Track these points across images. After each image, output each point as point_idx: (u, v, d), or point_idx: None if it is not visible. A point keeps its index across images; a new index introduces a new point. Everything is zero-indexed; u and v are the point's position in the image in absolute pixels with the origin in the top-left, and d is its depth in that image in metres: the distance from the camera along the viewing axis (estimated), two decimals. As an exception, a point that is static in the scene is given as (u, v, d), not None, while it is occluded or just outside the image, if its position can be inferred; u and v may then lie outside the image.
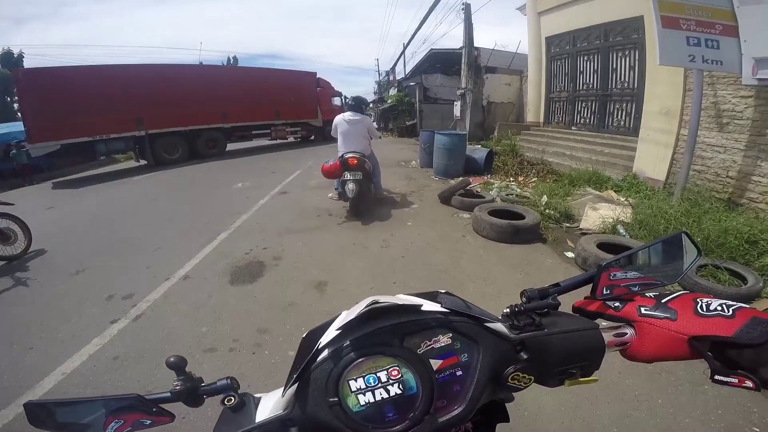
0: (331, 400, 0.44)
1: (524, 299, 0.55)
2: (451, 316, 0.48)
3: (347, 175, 4.80)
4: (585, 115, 9.33)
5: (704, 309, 0.47)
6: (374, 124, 5.92)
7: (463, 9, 11.53)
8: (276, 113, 14.33)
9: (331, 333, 0.47)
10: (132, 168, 12.18)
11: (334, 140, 5.44)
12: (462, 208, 5.23)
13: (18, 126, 14.31)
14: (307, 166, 9.61)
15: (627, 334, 0.52)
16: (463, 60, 11.65)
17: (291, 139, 15.97)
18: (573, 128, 9.60)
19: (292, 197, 6.49)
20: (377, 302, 0.46)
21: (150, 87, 11.22)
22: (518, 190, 6.29)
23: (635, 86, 7.49)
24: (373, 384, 0.44)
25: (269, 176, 8.56)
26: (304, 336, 0.53)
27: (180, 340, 2.65)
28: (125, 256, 4.26)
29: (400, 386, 0.44)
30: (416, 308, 0.48)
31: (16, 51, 26.60)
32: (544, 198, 5.44)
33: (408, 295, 0.53)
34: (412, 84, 18.36)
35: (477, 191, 5.80)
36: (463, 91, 11.63)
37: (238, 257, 3.95)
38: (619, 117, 8.17)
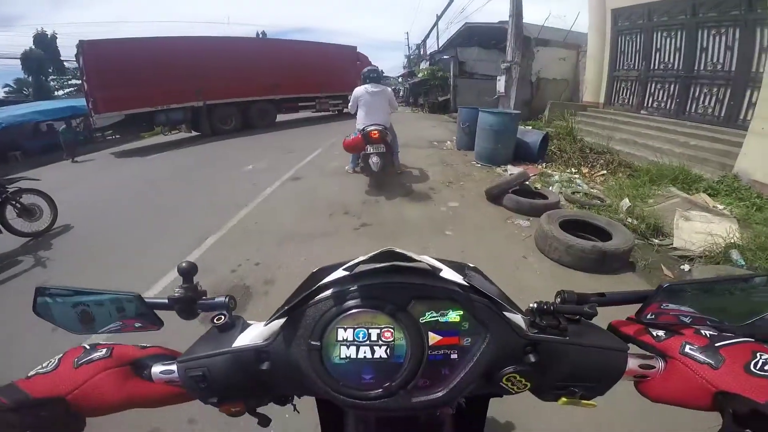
0: (312, 343, 0.40)
1: (558, 299, 0.47)
2: (470, 293, 0.42)
3: (370, 149, 4.61)
4: (660, 98, 8.10)
5: (757, 366, 0.39)
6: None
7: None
8: (320, 86, 14.36)
9: (338, 273, 0.43)
10: (169, 141, 12.10)
11: None
12: (518, 211, 4.01)
13: (48, 104, 15.01)
14: (329, 143, 8.60)
15: (654, 368, 0.45)
16: (509, 30, 10.12)
17: (333, 111, 15.47)
18: (642, 112, 8.28)
19: (304, 185, 5.44)
20: (394, 251, 0.42)
21: (208, 59, 11.48)
22: (585, 186, 4.98)
23: (732, 69, 6.40)
24: (360, 339, 0.40)
25: (285, 156, 7.61)
26: (313, 271, 0.51)
27: None
28: (103, 263, 3.50)
29: (388, 351, 0.40)
30: (435, 273, 0.43)
31: (50, 31, 26.50)
32: (625, 202, 4.16)
33: (433, 258, 0.46)
34: (445, 57, 17.17)
35: (536, 188, 4.55)
36: (508, 64, 10.07)
37: (221, 276, 2.97)
38: (706, 103, 6.99)
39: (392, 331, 0.40)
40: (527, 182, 4.37)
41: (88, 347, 0.47)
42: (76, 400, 0.42)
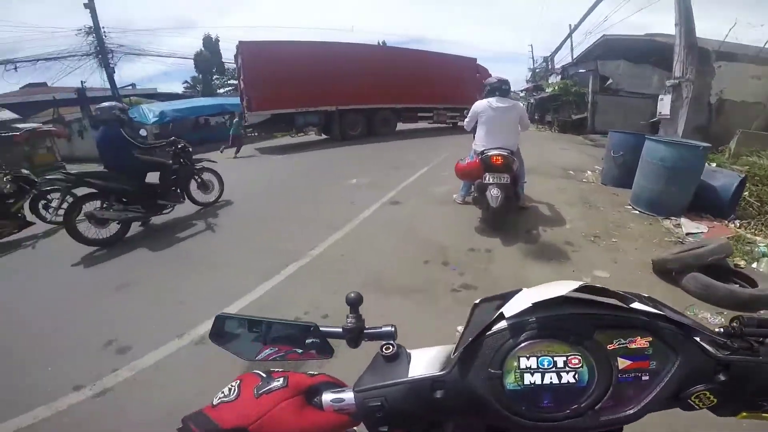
0: (492, 371, 0.43)
1: (736, 323, 0.47)
2: (659, 321, 0.44)
3: (489, 178, 3.73)
4: None
5: None
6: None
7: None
8: (439, 97, 14.10)
9: (519, 304, 0.45)
10: (297, 143, 12.83)
11: None
12: (705, 299, 2.60)
13: (201, 101, 17.05)
14: (440, 159, 7.86)
15: None
16: (677, 41, 8.10)
17: (449, 124, 14.98)
18: None
19: (404, 213, 4.71)
20: (592, 286, 0.45)
21: (343, 64, 11.72)
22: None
23: None
24: (546, 366, 0.42)
25: (392, 171, 7.08)
26: (475, 302, 0.54)
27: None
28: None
29: (575, 376, 0.42)
30: (625, 304, 0.45)
31: (213, 35, 30.94)
32: None
33: (620, 291, 0.47)
34: (581, 71, 15.49)
35: (736, 265, 3.03)
36: (677, 81, 8.00)
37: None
38: None
39: (579, 358, 0.42)
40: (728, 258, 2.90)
41: (264, 375, 0.50)
42: (257, 429, 0.44)
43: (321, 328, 0.53)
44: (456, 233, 3.93)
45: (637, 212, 4.58)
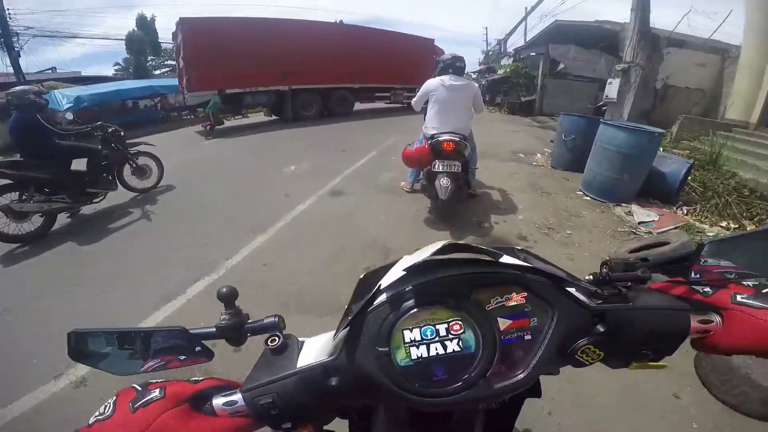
0: (380, 349, 0.40)
1: (606, 269, 0.47)
2: (529, 273, 0.42)
3: (439, 166, 3.45)
4: None
5: None
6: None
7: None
8: (396, 77, 13.72)
9: (394, 274, 0.42)
10: (238, 125, 11.76)
11: None
12: None
13: (128, 84, 15.33)
14: (390, 142, 7.39)
15: (713, 322, 0.46)
16: (631, 25, 8.16)
17: (405, 104, 14.48)
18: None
19: (344, 206, 4.19)
20: (455, 245, 0.44)
21: (295, 42, 11.05)
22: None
23: None
24: (429, 337, 0.40)
25: (337, 155, 6.54)
26: (361, 278, 0.49)
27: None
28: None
29: (460, 343, 0.40)
30: (494, 259, 0.43)
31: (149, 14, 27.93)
32: None
33: (485, 247, 0.45)
34: (532, 54, 15.67)
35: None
36: (626, 65, 8.04)
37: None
38: None
39: (460, 323, 0.40)
40: (660, 232, 2.73)
41: (139, 388, 0.43)
42: None
43: (191, 331, 0.46)
44: (402, 229, 3.52)
45: (588, 198, 4.41)
